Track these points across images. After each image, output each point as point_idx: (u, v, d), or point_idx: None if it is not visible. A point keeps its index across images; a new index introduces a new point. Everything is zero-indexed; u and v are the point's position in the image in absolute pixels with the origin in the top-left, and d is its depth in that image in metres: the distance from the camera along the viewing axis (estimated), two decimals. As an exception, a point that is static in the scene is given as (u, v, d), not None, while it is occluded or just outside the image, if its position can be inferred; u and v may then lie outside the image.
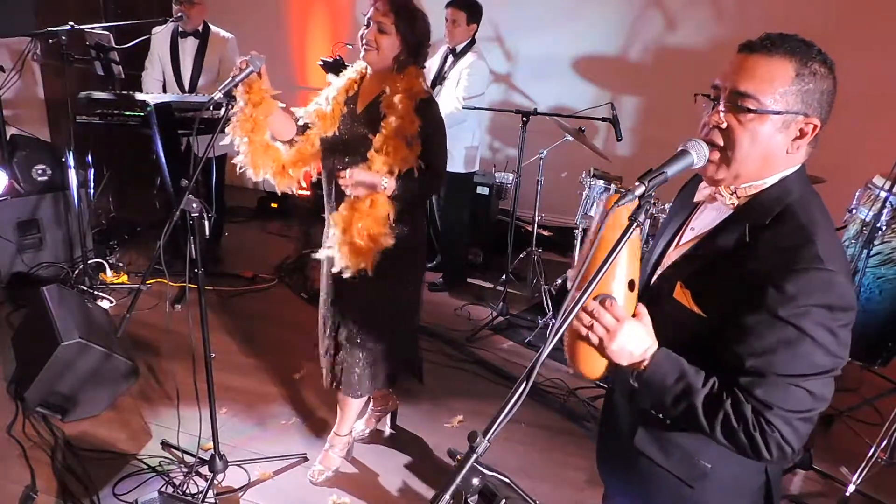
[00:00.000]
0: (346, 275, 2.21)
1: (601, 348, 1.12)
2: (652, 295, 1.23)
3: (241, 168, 2.21)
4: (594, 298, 1.09)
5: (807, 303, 1.03)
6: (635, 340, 1.12)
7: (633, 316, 1.15)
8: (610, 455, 1.47)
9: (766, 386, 1.06)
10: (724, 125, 1.11)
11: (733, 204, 1.17)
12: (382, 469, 2.61)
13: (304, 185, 2.46)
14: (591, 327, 1.11)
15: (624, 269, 1.13)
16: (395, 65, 2.18)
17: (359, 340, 2.35)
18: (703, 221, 1.24)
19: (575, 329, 1.12)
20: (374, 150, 2.13)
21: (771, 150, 1.11)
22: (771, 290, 1.05)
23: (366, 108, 2.23)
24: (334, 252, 2.22)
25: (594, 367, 1.18)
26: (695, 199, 1.27)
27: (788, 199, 1.12)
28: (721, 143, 1.12)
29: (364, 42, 2.15)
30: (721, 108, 1.11)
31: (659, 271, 1.27)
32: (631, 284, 1.15)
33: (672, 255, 1.26)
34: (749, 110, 1.08)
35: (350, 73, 2.31)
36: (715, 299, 1.14)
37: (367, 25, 2.15)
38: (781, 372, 1.06)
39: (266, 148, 2.20)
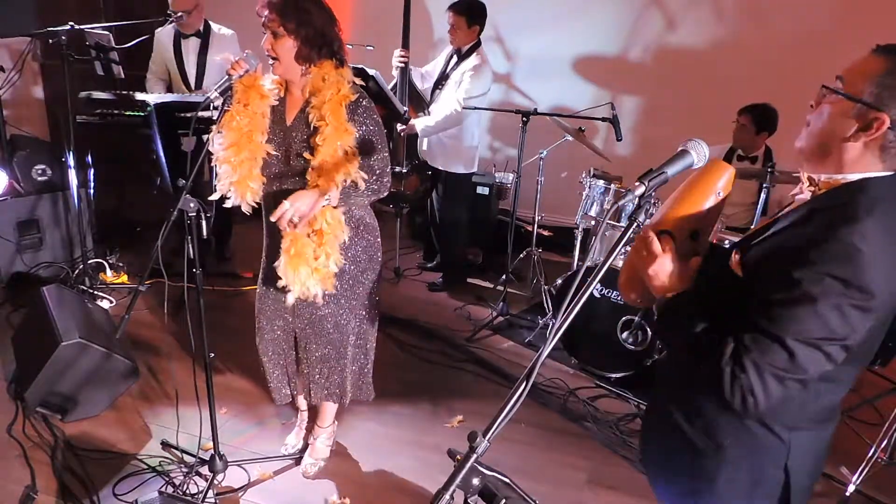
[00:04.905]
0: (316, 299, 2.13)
1: (642, 268, 1.29)
2: (716, 262, 1.30)
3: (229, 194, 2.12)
4: (657, 231, 1.26)
5: (824, 271, 1.04)
6: (667, 274, 1.25)
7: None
8: (650, 430, 1.53)
9: (754, 333, 1.10)
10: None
11: (812, 191, 1.20)
12: (382, 469, 2.61)
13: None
14: (638, 249, 1.28)
15: (693, 219, 1.28)
16: (302, 65, 2.02)
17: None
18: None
19: (632, 249, 1.34)
20: (313, 169, 2.01)
21: (831, 127, 1.14)
22: (797, 252, 1.08)
23: (295, 121, 2.09)
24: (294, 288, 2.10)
25: (633, 284, 1.40)
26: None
27: (860, 194, 1.12)
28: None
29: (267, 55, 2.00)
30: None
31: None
32: (694, 234, 1.30)
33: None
34: (828, 89, 1.14)
35: (272, 76, 2.12)
36: (754, 262, 1.18)
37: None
38: (773, 325, 1.09)
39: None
